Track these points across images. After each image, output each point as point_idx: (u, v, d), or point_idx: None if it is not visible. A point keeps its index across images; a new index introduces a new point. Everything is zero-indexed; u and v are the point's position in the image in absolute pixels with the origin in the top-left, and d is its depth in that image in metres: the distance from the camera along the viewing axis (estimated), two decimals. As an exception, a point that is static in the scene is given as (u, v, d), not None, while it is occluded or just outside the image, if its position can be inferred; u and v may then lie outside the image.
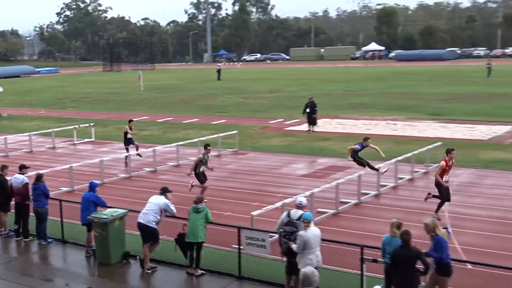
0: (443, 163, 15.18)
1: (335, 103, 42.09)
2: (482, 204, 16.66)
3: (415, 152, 20.55)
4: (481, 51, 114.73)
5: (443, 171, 15.14)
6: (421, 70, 76.24)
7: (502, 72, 64.31)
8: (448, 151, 15.43)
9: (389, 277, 10.03)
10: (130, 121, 24.24)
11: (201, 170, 17.54)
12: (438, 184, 15.20)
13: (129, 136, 23.47)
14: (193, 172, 17.62)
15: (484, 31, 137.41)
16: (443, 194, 15.19)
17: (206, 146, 18.04)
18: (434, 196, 15.41)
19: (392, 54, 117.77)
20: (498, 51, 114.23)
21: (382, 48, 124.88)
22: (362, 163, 18.45)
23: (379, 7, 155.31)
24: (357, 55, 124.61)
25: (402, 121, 33.11)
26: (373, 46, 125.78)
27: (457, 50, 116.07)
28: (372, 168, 18.30)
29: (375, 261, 10.59)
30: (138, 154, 23.57)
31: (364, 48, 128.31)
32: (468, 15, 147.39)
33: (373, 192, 17.95)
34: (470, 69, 74.99)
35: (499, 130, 29.04)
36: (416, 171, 20.37)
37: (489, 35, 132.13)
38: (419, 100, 42.43)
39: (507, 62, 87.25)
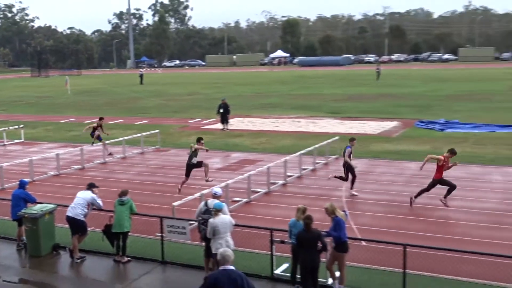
0: (441, 157, 14.96)
1: (247, 103, 42.32)
2: (374, 189, 17.22)
3: (317, 145, 20.94)
4: (371, 57, 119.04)
5: (442, 166, 14.86)
6: (320, 74, 78.00)
7: (389, 75, 66.93)
8: (453, 152, 15.10)
9: (295, 255, 10.20)
10: (101, 118, 24.27)
11: (193, 162, 16.90)
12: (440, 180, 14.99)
13: (96, 132, 23.80)
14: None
15: (374, 40, 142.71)
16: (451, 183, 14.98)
17: (199, 139, 17.06)
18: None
19: (295, 60, 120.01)
20: (385, 58, 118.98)
21: (287, 55, 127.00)
22: (344, 174, 16.72)
23: (284, 18, 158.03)
24: (265, 61, 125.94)
25: (305, 119, 33.72)
26: (279, 53, 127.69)
27: (351, 57, 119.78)
28: (339, 177, 16.83)
29: (282, 242, 10.75)
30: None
31: (271, 55, 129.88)
32: (360, 26, 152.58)
33: (281, 182, 18.17)
34: (362, 73, 77.45)
35: (387, 125, 30.14)
36: (318, 162, 20.79)
37: (378, 44, 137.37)
38: (319, 100, 43.38)
39: (393, 67, 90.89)
